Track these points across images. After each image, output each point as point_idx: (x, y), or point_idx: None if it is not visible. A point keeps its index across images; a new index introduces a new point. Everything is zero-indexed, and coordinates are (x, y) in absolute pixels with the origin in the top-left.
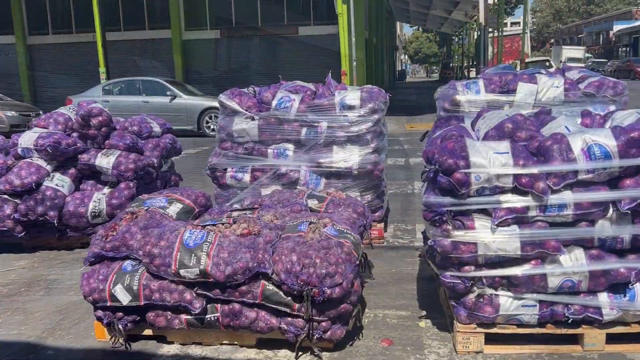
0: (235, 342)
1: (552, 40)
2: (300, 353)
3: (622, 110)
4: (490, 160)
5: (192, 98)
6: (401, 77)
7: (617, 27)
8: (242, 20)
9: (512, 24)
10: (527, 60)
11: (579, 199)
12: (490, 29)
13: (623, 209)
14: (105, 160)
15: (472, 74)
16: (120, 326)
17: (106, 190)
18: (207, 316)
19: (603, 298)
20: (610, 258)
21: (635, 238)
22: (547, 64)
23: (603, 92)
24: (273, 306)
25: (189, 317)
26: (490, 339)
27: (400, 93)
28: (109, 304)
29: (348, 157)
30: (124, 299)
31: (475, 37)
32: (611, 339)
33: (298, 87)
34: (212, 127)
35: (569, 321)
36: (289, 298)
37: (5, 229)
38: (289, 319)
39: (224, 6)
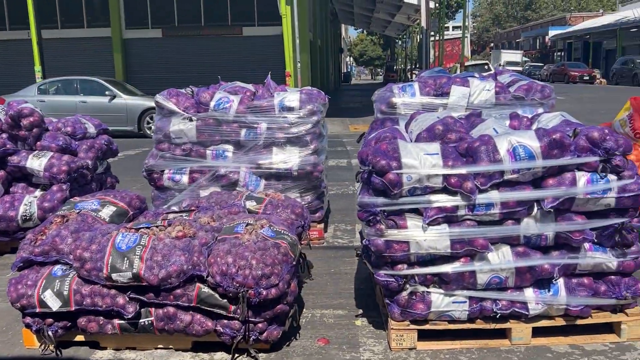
0: (171, 346)
1: (492, 44)
2: (236, 355)
3: (548, 113)
4: (421, 161)
5: (132, 98)
6: (346, 79)
7: (552, 32)
8: (184, 19)
9: (454, 27)
10: (467, 64)
11: (505, 198)
12: (432, 33)
13: (546, 207)
14: (36, 162)
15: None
16: (50, 333)
17: (38, 193)
18: (140, 320)
19: (529, 293)
20: (535, 255)
21: (558, 235)
22: (486, 67)
23: (531, 95)
24: (209, 309)
25: (122, 322)
26: (423, 336)
27: (345, 95)
28: (38, 310)
29: (288, 159)
30: (54, 304)
31: (418, 40)
32: (537, 332)
33: (237, 88)
34: (153, 128)
35: (497, 316)
36: (225, 300)
37: None
38: (225, 321)
39: (166, 5)
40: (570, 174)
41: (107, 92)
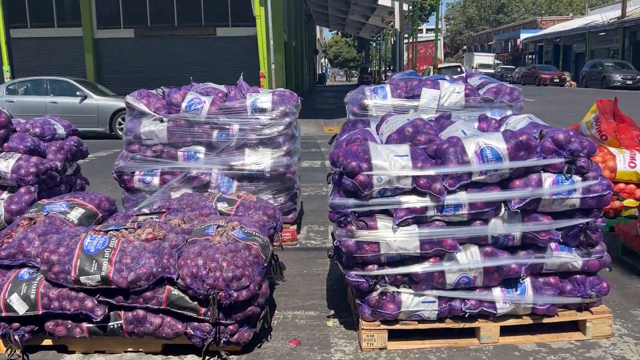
0: (141, 349)
1: (465, 47)
2: (207, 357)
3: (516, 115)
4: (391, 162)
5: (103, 99)
6: (321, 81)
7: (524, 35)
8: (157, 19)
9: (428, 30)
10: (440, 66)
11: (473, 199)
12: (405, 35)
13: (513, 208)
14: (3, 164)
15: None
16: (16, 337)
17: (5, 195)
18: (110, 324)
19: (497, 293)
20: (503, 254)
21: (525, 235)
22: (459, 69)
23: (500, 98)
24: (179, 311)
25: (90, 325)
26: (394, 336)
27: (320, 96)
28: (4, 314)
29: (260, 160)
30: (21, 308)
31: (392, 42)
32: (505, 331)
33: (209, 89)
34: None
35: (466, 316)
36: (195, 302)
37: None
38: (196, 323)
39: (138, 4)
40: (537, 175)
41: (78, 93)
